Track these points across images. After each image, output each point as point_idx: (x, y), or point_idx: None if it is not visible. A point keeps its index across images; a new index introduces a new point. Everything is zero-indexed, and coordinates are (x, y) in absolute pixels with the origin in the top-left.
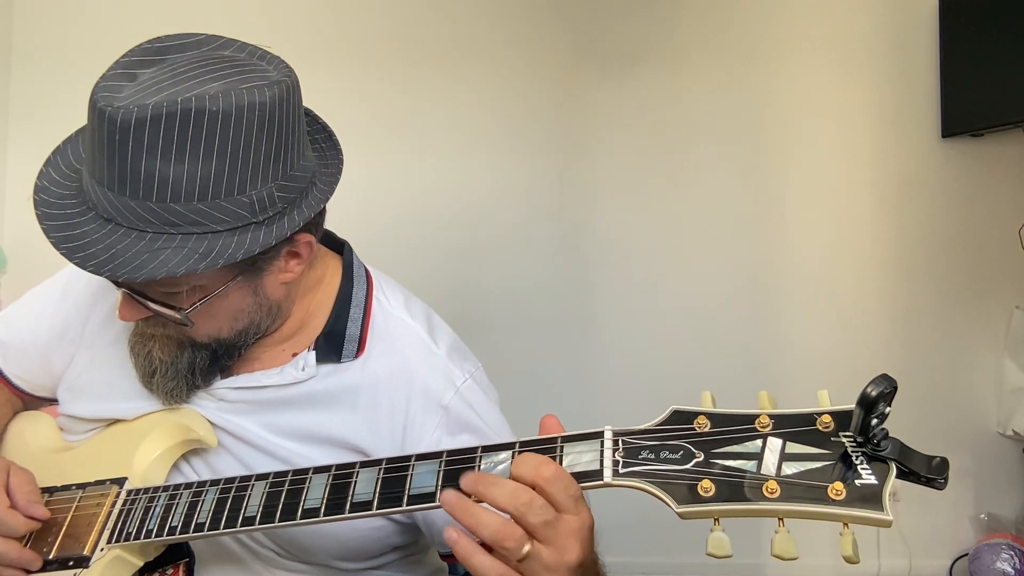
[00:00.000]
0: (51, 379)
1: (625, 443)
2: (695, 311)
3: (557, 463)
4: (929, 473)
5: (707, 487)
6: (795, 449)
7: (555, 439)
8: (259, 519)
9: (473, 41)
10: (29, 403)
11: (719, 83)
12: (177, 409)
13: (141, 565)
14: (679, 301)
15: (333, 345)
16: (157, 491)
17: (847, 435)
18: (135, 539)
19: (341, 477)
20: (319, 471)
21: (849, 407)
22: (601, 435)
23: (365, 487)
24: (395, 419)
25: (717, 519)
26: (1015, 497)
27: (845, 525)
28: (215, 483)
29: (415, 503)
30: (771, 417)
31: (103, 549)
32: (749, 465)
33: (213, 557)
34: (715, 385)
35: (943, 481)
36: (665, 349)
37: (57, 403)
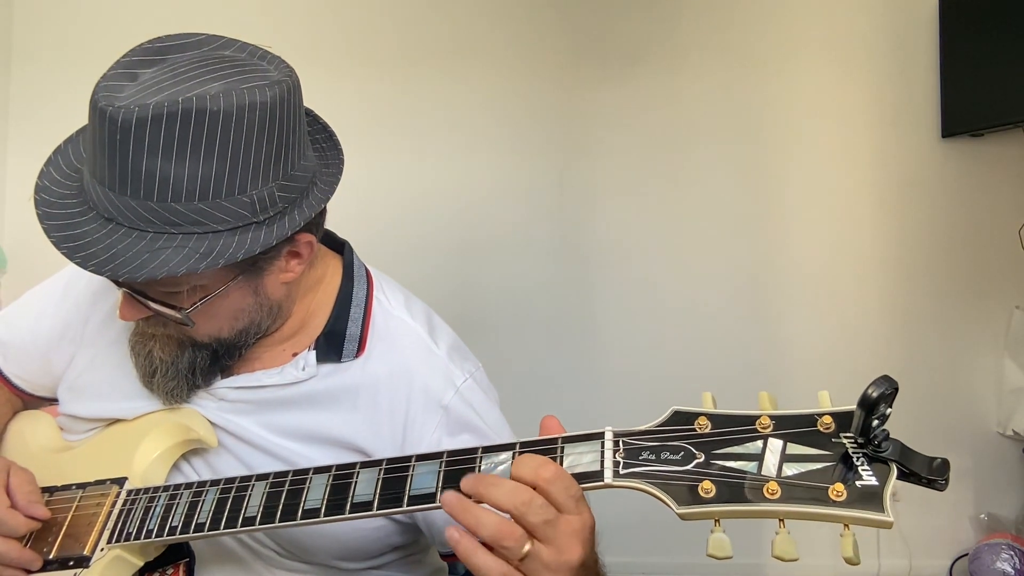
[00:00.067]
0: (51, 379)
1: (626, 444)
2: (695, 311)
3: (557, 464)
4: (930, 474)
5: (708, 488)
6: (796, 450)
7: (556, 440)
8: (259, 519)
9: (473, 41)
10: (29, 403)
11: (719, 83)
12: (177, 409)
13: (141, 565)
14: (679, 301)
15: (333, 345)
16: (157, 491)
17: (848, 436)
18: (135, 539)
19: (341, 477)
20: (319, 471)
21: (850, 408)
22: (602, 436)
23: (365, 487)
24: (395, 419)
25: (718, 520)
26: (1015, 497)
27: (846, 526)
28: (215, 483)
29: (415, 504)
30: (772, 418)
31: (103, 549)
32: (750, 466)
33: (213, 557)
34: (715, 385)
35: (944, 482)
36: (665, 349)
37: (57, 403)
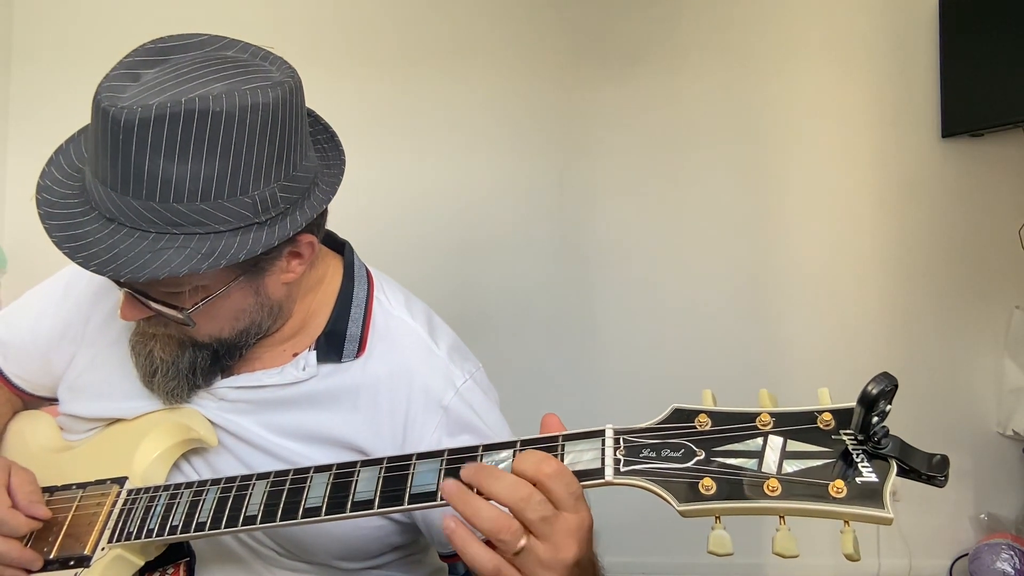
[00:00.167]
0: (51, 379)
1: (626, 441)
2: (695, 311)
3: (559, 460)
4: (929, 471)
5: (708, 485)
6: (796, 447)
7: (556, 438)
8: (260, 518)
9: (473, 41)
10: (29, 403)
11: (719, 83)
12: (177, 408)
13: (142, 564)
14: (679, 301)
15: (334, 345)
16: (158, 490)
17: (848, 433)
18: (136, 538)
19: (342, 476)
20: (320, 470)
21: (850, 405)
22: (602, 434)
23: (366, 486)
24: (395, 419)
25: (718, 517)
26: (1015, 497)
27: (846, 523)
28: (216, 482)
29: (416, 502)
30: (772, 415)
31: (104, 548)
32: (750, 463)
33: (214, 556)
34: (715, 385)
35: (943, 479)
36: (665, 349)
37: (57, 403)
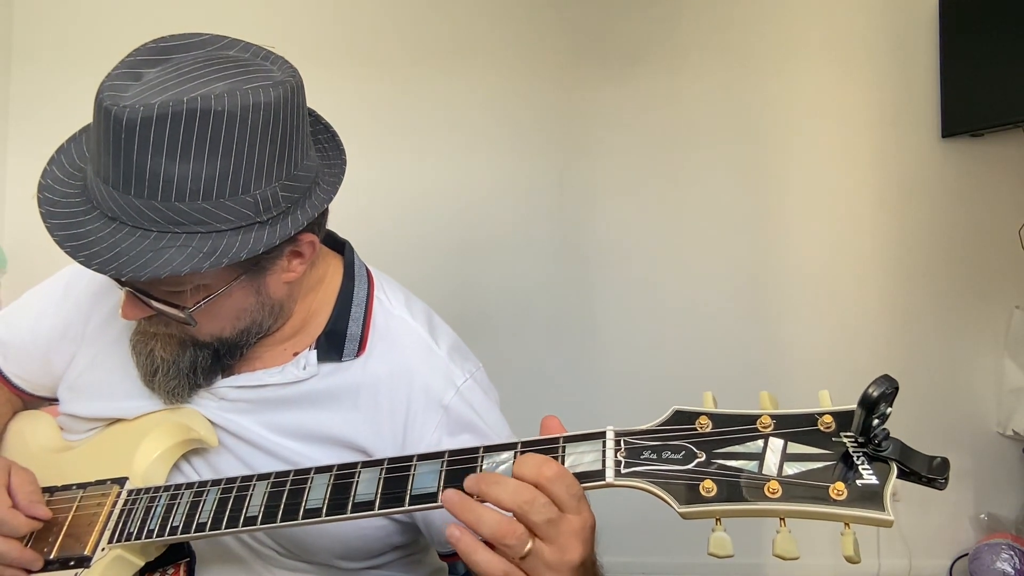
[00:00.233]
0: (51, 379)
1: (627, 443)
2: (695, 311)
3: (559, 463)
4: (930, 473)
5: (709, 487)
6: (796, 449)
7: (557, 439)
8: (261, 519)
9: (473, 41)
10: (29, 403)
11: (719, 83)
12: (178, 408)
13: (142, 565)
14: (679, 301)
15: (334, 344)
16: (158, 491)
17: (848, 435)
18: (136, 539)
19: (343, 477)
20: (321, 471)
21: (850, 407)
22: (603, 435)
23: (367, 487)
24: (396, 418)
25: (719, 519)
26: (1015, 497)
27: (846, 525)
28: (216, 483)
29: (417, 503)
30: (772, 417)
31: (104, 549)
32: (751, 465)
33: (214, 557)
34: (715, 385)
35: (944, 481)
36: (665, 349)
37: (57, 403)
